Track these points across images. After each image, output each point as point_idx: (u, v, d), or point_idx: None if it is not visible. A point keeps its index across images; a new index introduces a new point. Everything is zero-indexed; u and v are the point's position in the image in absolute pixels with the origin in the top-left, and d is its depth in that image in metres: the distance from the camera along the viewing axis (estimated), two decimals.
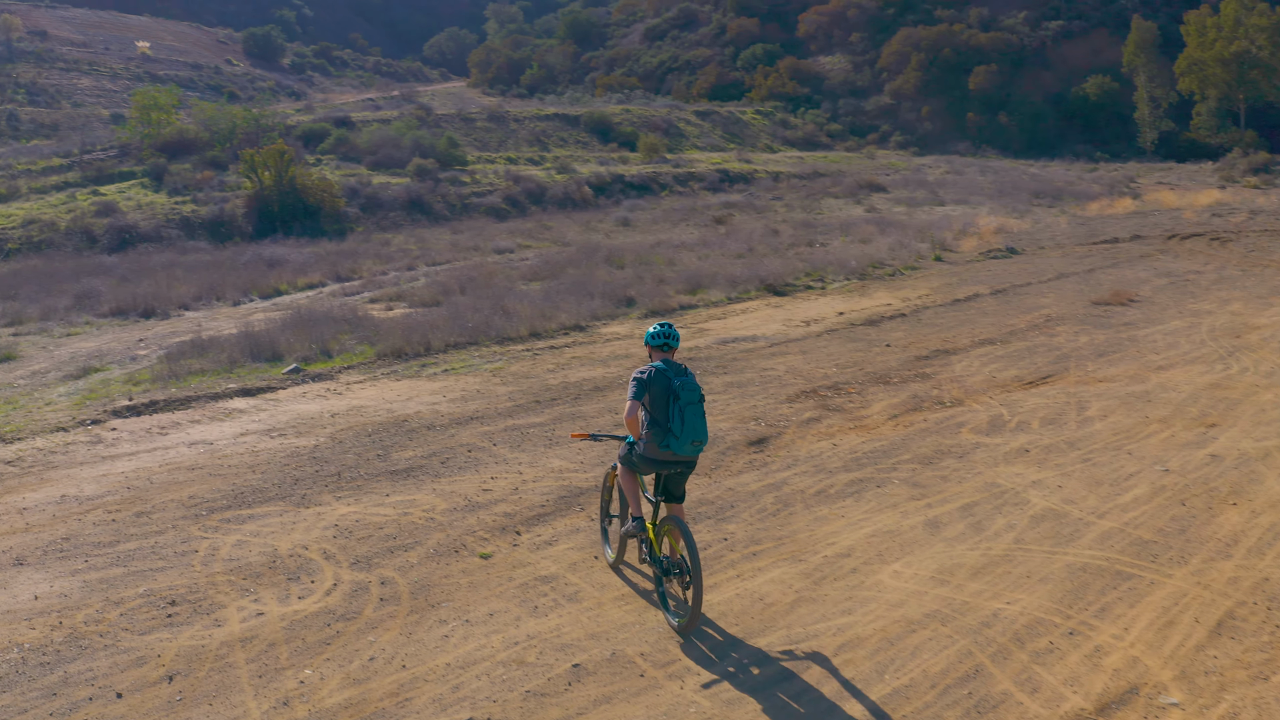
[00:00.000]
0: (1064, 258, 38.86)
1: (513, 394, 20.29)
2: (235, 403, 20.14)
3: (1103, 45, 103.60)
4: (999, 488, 14.40)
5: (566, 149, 79.48)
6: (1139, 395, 19.52)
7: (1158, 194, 62.25)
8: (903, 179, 72.04)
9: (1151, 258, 38.68)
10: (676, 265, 36.83)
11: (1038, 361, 22.44)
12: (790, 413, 18.47)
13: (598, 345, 25.01)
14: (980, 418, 18.01)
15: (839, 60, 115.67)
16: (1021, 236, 44.83)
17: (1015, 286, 32.40)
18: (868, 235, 43.75)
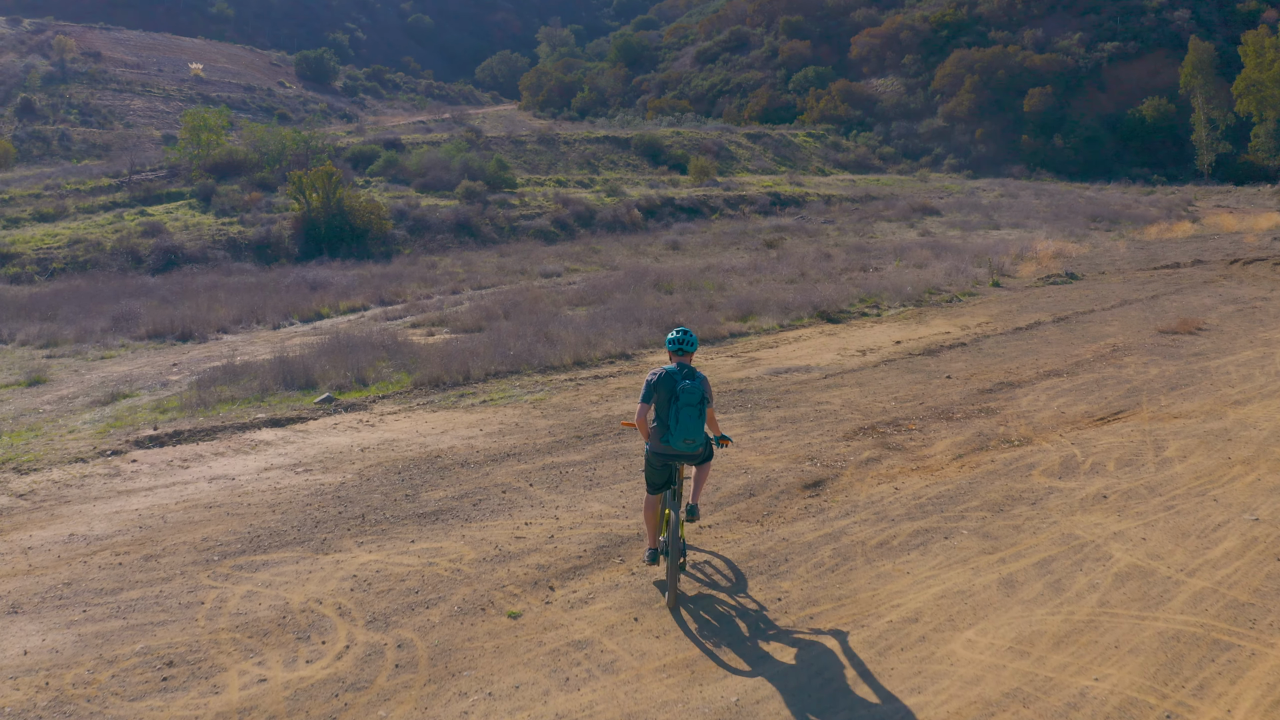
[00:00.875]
0: (1125, 283, 37.43)
1: (553, 428, 19.08)
2: (263, 434, 19.07)
3: (1159, 67, 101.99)
4: (1077, 540, 13.04)
5: (616, 171, 78.60)
6: (1218, 433, 18.13)
7: (1216, 217, 60.75)
8: (956, 202, 70.78)
9: (1215, 283, 37.24)
10: (727, 290, 35.65)
11: (1108, 395, 21.05)
12: (848, 451, 17.17)
13: (644, 375, 23.65)
14: (1051, 458, 16.65)
15: (891, 82, 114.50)
16: (1080, 261, 43.41)
17: (1078, 314, 31.02)
18: (922, 260, 42.45)
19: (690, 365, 11.32)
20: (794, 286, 36.16)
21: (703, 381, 11.08)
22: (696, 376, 11.06)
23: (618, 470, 16.29)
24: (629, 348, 26.41)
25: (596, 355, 25.38)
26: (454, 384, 22.78)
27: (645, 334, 27.62)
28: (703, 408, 11.03)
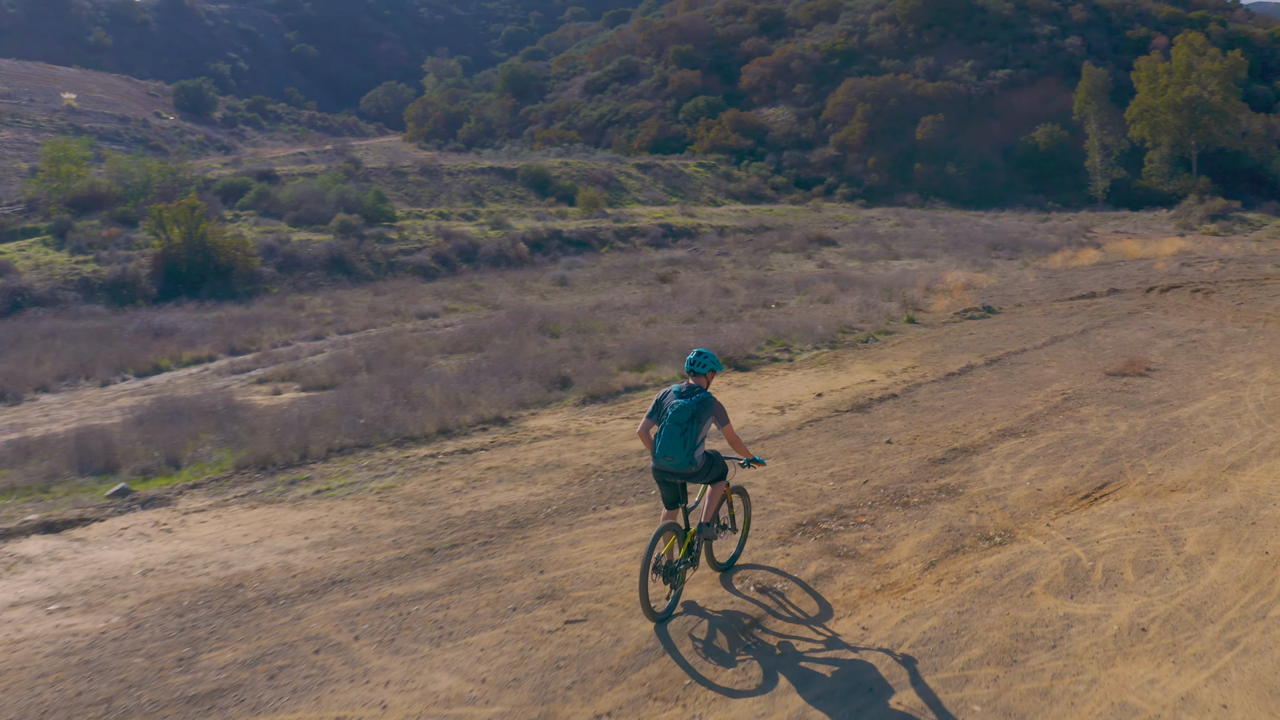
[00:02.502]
0: (1047, 317, 34.08)
1: (399, 534, 14.59)
2: (28, 545, 14.37)
3: (1051, 93, 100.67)
4: (1137, 717, 9.05)
5: (502, 203, 74.30)
6: (1234, 514, 14.59)
7: (1120, 244, 58.50)
8: (852, 232, 67.40)
9: (1140, 314, 34.42)
10: (620, 333, 31.46)
11: (1083, 462, 17.41)
12: (788, 564, 13.08)
13: (522, 448, 19.40)
14: (1050, 564, 12.78)
15: (782, 112, 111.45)
16: (993, 293, 39.97)
17: (1009, 354, 27.43)
18: (828, 294, 38.66)
19: (698, 385, 11.50)
20: (693, 327, 32.21)
21: (700, 402, 11.19)
22: (694, 396, 11.22)
23: (480, 608, 11.84)
24: (506, 409, 21.97)
25: (466, 421, 20.87)
26: (287, 464, 18.19)
27: (525, 391, 23.23)
28: (691, 426, 11.09)
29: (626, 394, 23.87)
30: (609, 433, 20.35)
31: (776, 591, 12.19)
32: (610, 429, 20.71)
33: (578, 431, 20.42)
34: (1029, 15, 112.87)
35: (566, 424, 21.23)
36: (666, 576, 11.26)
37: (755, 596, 12.05)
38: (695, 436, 11.18)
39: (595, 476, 17.20)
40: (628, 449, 18.90)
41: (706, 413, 11.24)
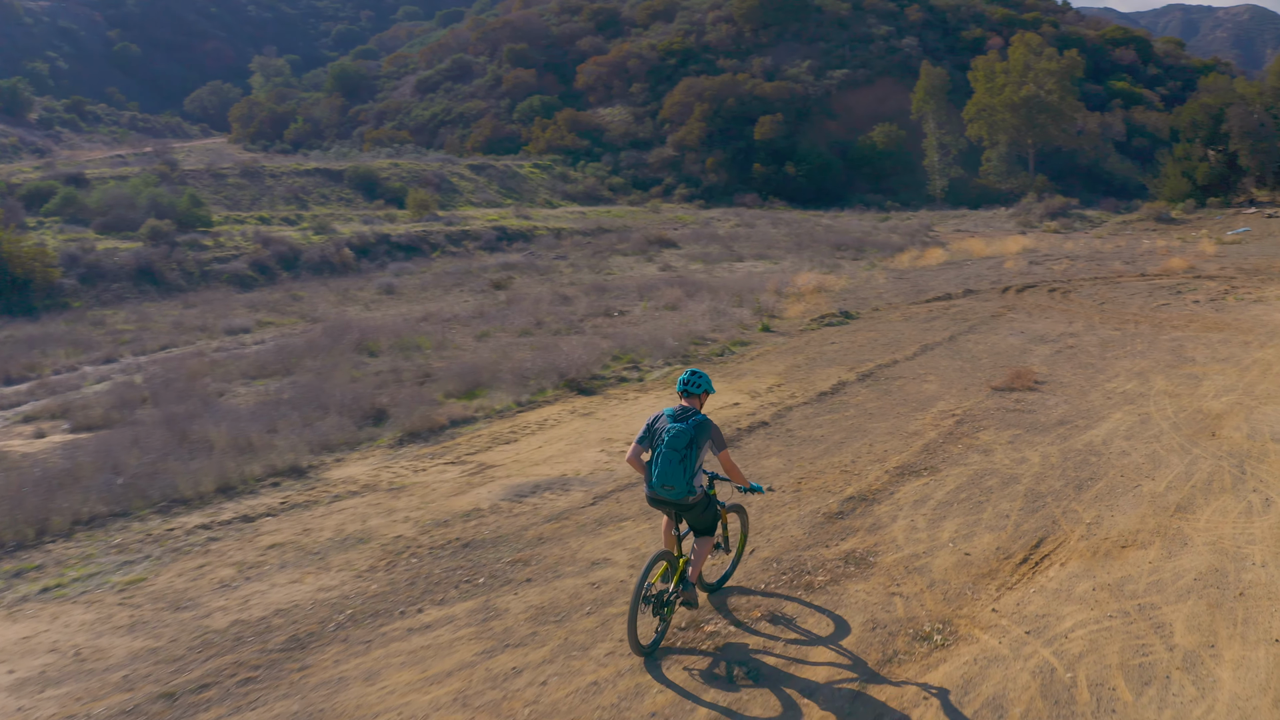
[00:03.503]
0: (908, 321, 31.29)
1: (135, 663, 10.41)
2: None
3: (889, 93, 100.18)
4: None
5: (328, 207, 69.80)
6: (1212, 580, 11.77)
7: (964, 243, 56.65)
8: (692, 233, 64.48)
9: (1004, 317, 32.02)
10: (448, 350, 27.61)
11: (1005, 510, 14.29)
12: (666, 705, 9.41)
13: (318, 511, 15.30)
14: (1018, 679, 9.45)
15: (619, 111, 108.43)
16: (846, 296, 37.00)
17: (881, 368, 24.37)
18: (674, 300, 35.18)
19: (692, 408, 10.66)
20: (531, 342, 28.47)
21: (697, 425, 10.37)
22: (690, 419, 10.41)
23: None
24: (306, 454, 17.74)
25: (254, 473, 16.57)
26: (18, 545, 13.75)
27: (332, 429, 19.08)
28: (689, 452, 10.24)
29: (452, 429, 19.86)
30: (428, 486, 16.41)
31: None
32: (430, 480, 16.74)
33: (390, 484, 16.46)
34: (865, 15, 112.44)
35: (377, 474, 17.18)
36: (657, 608, 10.44)
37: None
38: (694, 463, 10.36)
39: (407, 556, 13.33)
40: (450, 509, 15.12)
41: (704, 437, 10.44)
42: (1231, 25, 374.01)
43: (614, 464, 17.11)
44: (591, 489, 15.84)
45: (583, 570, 12.57)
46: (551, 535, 13.87)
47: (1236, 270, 44.65)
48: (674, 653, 10.34)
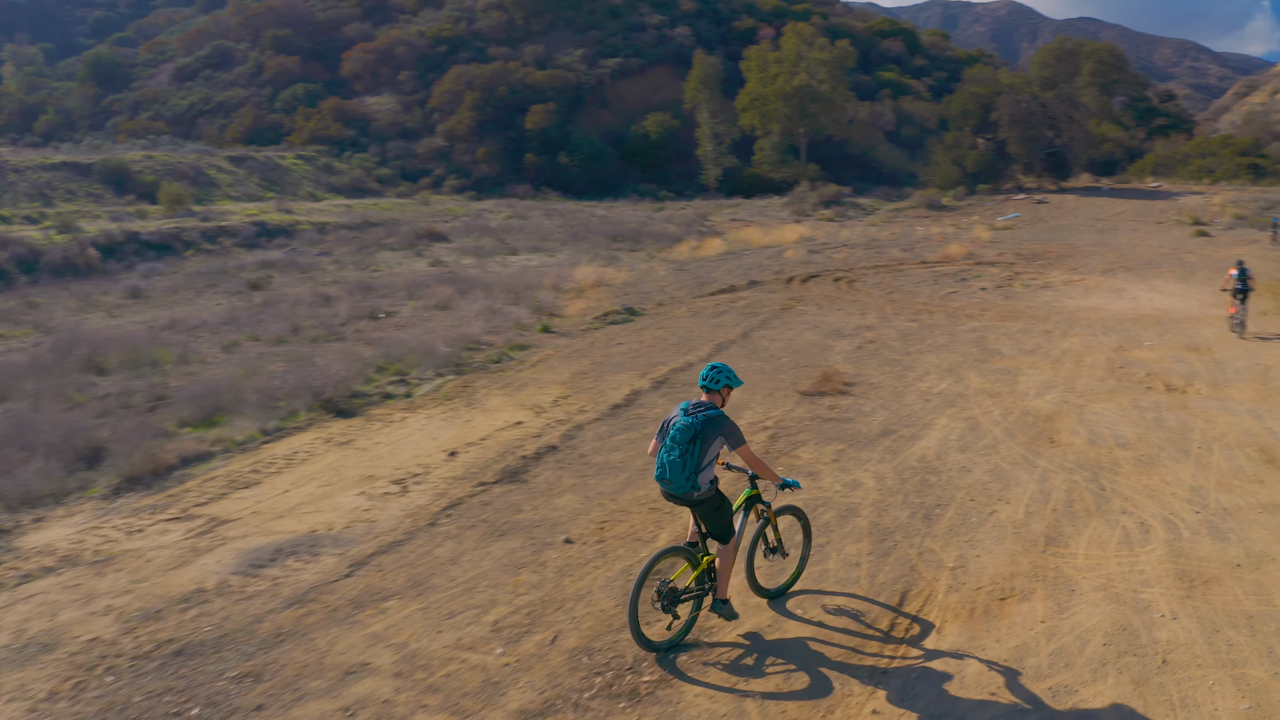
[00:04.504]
0: (695, 317, 28.87)
1: None
2: None
3: (661, 83, 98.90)
4: None
5: (75, 203, 64.21)
6: (1125, 644, 9.64)
7: (742, 232, 55.27)
8: (464, 226, 61.23)
9: (794, 309, 30.16)
10: (191, 365, 23.70)
11: (853, 555, 11.79)
12: None
13: (0, 599, 11.53)
14: None
15: (387, 100, 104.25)
16: (628, 291, 34.37)
17: (676, 372, 21.78)
18: (445, 299, 31.83)
19: (709, 402, 9.76)
20: (285, 352, 24.71)
21: (706, 420, 9.50)
22: (700, 415, 9.55)
23: None
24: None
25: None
26: None
27: (35, 477, 14.74)
28: (692, 447, 9.44)
29: (182, 470, 15.90)
30: (143, 555, 12.60)
31: None
32: (146, 545, 12.93)
33: (96, 554, 12.56)
34: (638, 4, 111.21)
35: (82, 538, 13.16)
36: (667, 604, 9.65)
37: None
38: (697, 459, 9.51)
39: (102, 672, 9.61)
40: (166, 591, 11.47)
41: (714, 432, 9.57)
42: (990, 20, 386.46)
43: (375, 512, 13.75)
44: (346, 551, 12.39)
45: (332, 686, 9.20)
46: (293, 628, 10.40)
47: (1015, 255, 44.70)
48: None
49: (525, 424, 17.73)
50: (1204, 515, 12.84)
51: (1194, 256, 44.68)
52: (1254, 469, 14.81)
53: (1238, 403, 19.07)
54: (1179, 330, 26.88)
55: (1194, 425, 17.29)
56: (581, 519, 13.11)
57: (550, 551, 11.99)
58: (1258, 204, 68.74)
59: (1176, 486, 13.98)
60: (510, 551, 12.02)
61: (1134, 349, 24.31)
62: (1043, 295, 33.32)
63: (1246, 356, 23.37)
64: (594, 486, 14.33)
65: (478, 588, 11.13)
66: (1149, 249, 47.80)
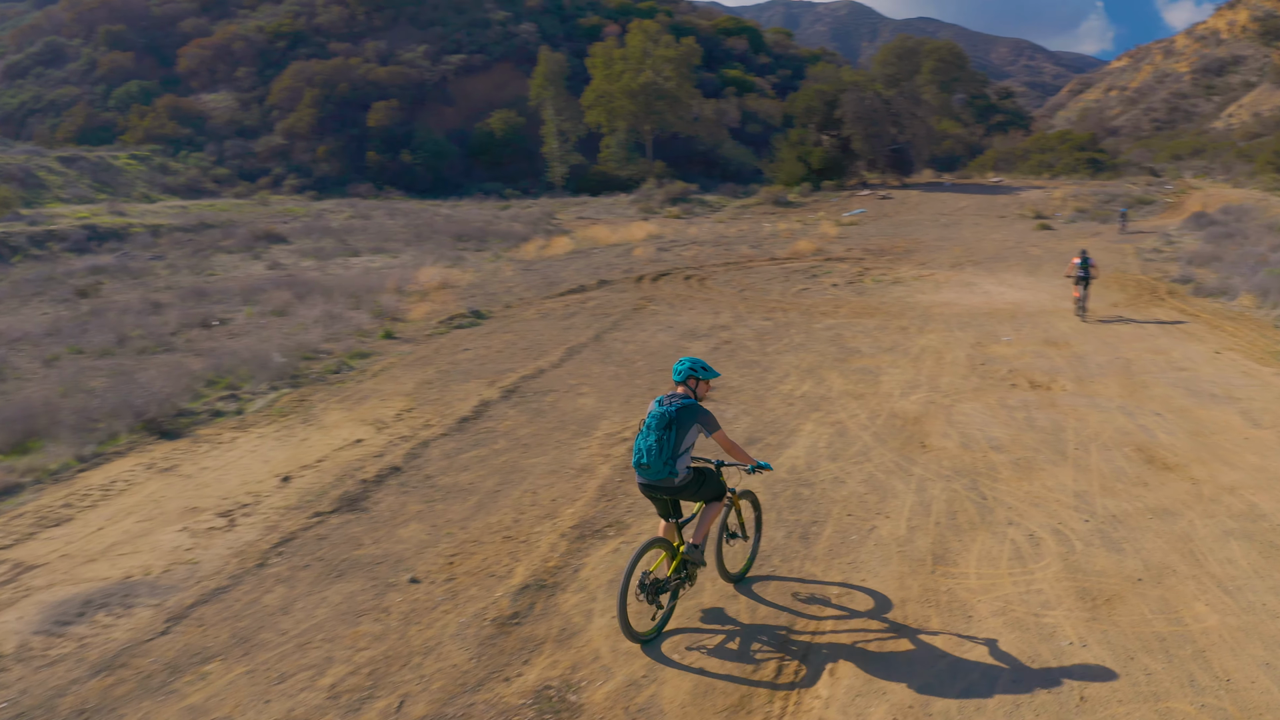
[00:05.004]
0: (545, 319, 27.66)
1: None
2: None
3: (506, 79, 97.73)
4: None
5: None
6: (1035, 681, 8.78)
7: (590, 230, 54.28)
8: (304, 227, 58.92)
9: (645, 309, 29.25)
10: (6, 382, 21.35)
11: (728, 586, 10.69)
12: None
13: None
14: None
15: (224, 98, 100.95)
16: (475, 292, 32.99)
17: (526, 380, 20.43)
18: (283, 304, 29.91)
19: (682, 394, 9.85)
20: (109, 366, 22.58)
21: (681, 408, 9.64)
22: (675, 404, 9.68)
23: None
24: None
25: None
26: None
27: None
28: (668, 434, 9.57)
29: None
30: None
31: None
32: None
33: None
34: (483, 0, 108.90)
35: None
36: (651, 596, 9.57)
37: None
38: (673, 445, 9.56)
39: None
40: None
41: (689, 419, 9.63)
42: (830, 19, 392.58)
43: (198, 551, 12.07)
44: (164, 601, 10.69)
45: None
46: (99, 702, 8.79)
47: (864, 251, 44.67)
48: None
49: (366, 442, 16.20)
50: (1094, 524, 12.11)
51: (1039, 250, 45.14)
52: (1135, 470, 14.21)
53: (1105, 398, 18.66)
54: (1034, 324, 26.76)
55: (1066, 424, 16.72)
56: (428, 552, 11.69)
57: (394, 594, 10.59)
58: (1098, 197, 70.07)
59: (1060, 492, 13.27)
60: (349, 596, 10.59)
61: (992, 344, 23.93)
62: (894, 291, 32.96)
63: (1106, 350, 23.15)
64: (441, 513, 12.89)
65: (312, 643, 9.62)
66: (994, 243, 48.18)
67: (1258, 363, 21.99)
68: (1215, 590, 10.34)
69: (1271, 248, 41.84)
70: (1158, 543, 11.56)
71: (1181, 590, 10.32)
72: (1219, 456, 14.98)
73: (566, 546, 11.61)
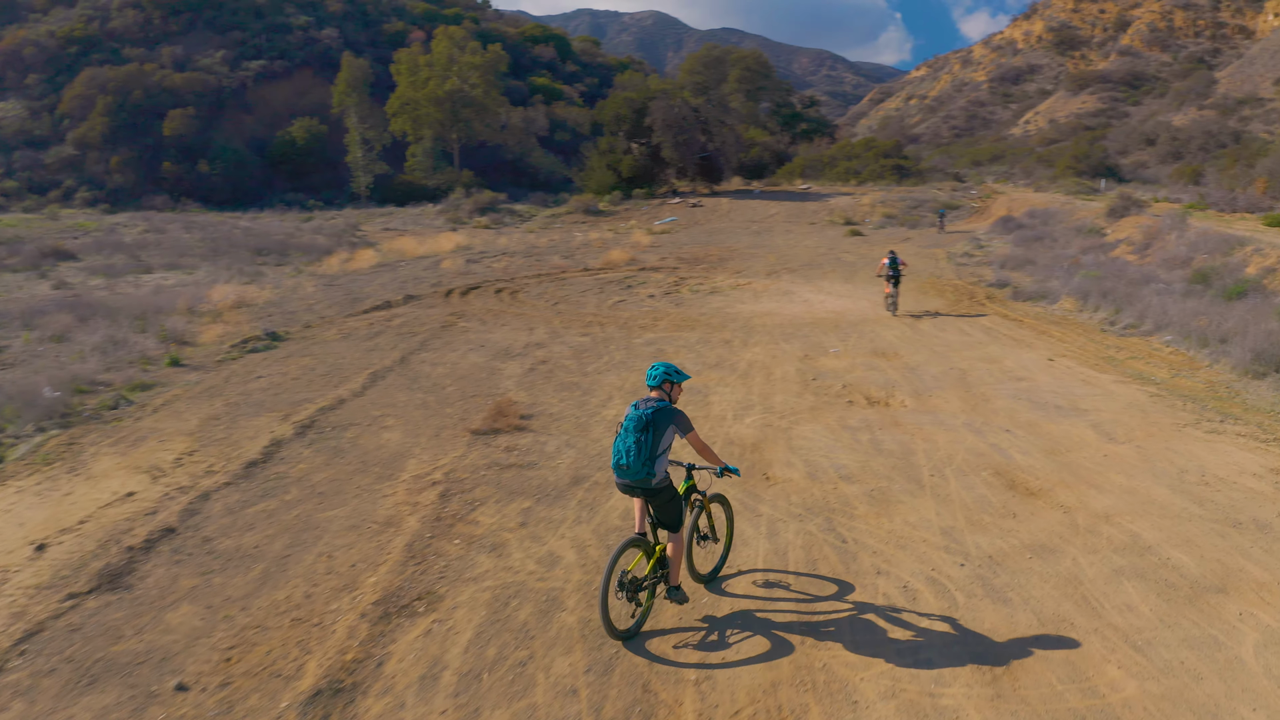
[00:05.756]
0: (347, 340, 25.58)
1: None
2: None
3: (308, 86, 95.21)
4: None
5: None
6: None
7: (396, 242, 52.29)
8: (95, 242, 55.17)
9: (455, 326, 27.50)
10: None
11: (564, 675, 8.95)
12: None
13: None
14: None
15: (13, 106, 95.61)
16: (272, 311, 30.52)
17: (325, 411, 18.27)
18: (64, 328, 26.75)
19: (657, 398, 9.90)
20: None
21: (657, 411, 9.65)
22: (650, 407, 9.68)
23: None
24: None
25: None
26: None
27: None
28: (646, 435, 9.58)
29: None
30: None
31: None
32: None
33: None
34: (283, 4, 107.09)
35: None
36: (631, 594, 9.72)
37: None
38: (651, 446, 9.57)
39: None
40: None
41: (665, 421, 9.64)
42: (636, 29, 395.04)
43: None
44: None
45: None
46: None
47: (678, 260, 44.07)
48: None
49: (138, 495, 13.69)
50: (971, 568, 10.77)
51: (852, 255, 44.98)
52: (999, 498, 13.04)
53: (949, 414, 17.61)
54: (859, 334, 25.96)
55: (915, 446, 15.49)
56: (201, 645, 9.43)
57: (156, 709, 8.37)
58: (905, 203, 70.85)
59: (925, 530, 11.95)
60: (100, 714, 8.36)
61: (821, 357, 22.88)
62: (713, 301, 31.97)
63: (938, 361, 22.36)
64: (220, 589, 10.61)
65: None
66: (807, 249, 47.97)
67: (1094, 369, 21.49)
68: (1124, 648, 9.04)
69: (1081, 250, 42.45)
70: (1046, 589, 10.28)
71: (1088, 651, 9.02)
72: (1083, 478, 13.96)
73: (368, 631, 9.53)
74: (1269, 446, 15.56)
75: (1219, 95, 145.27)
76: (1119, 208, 50.36)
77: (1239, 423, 17.01)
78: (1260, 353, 21.16)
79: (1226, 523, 12.26)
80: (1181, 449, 15.39)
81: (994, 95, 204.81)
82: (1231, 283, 30.40)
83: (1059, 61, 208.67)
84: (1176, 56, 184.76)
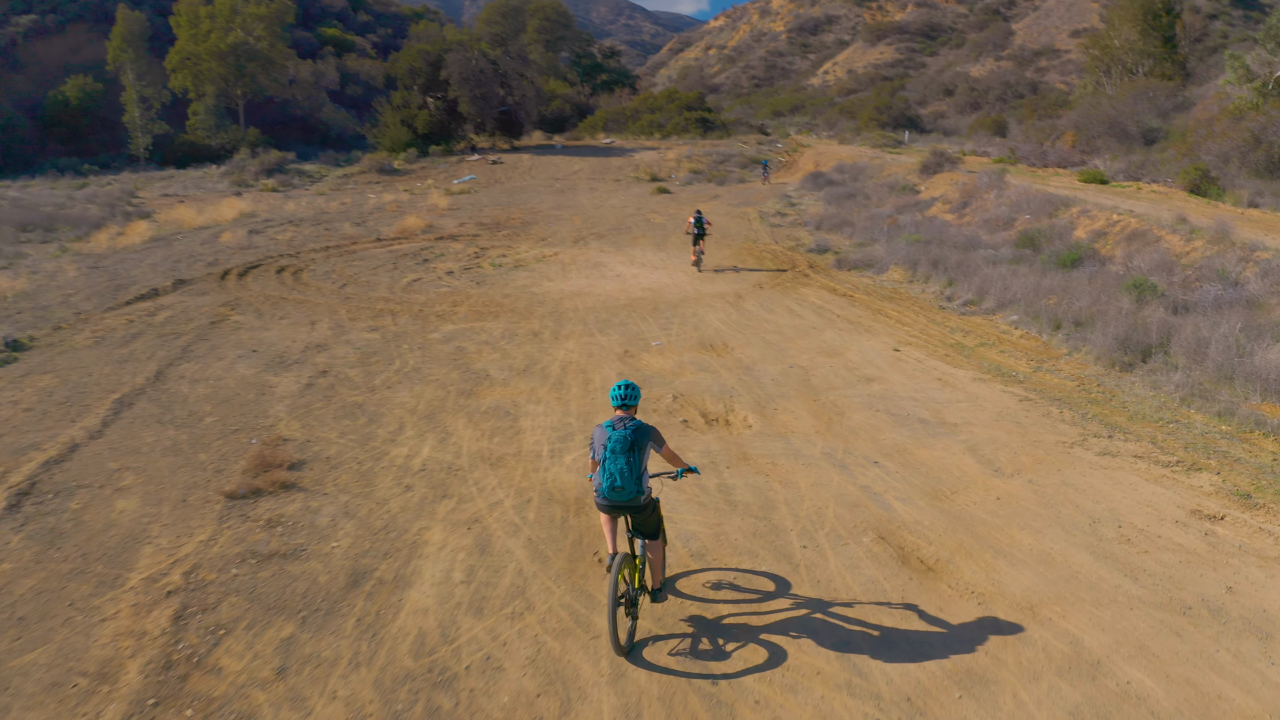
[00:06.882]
0: (99, 346, 21.35)
1: None
2: None
3: (82, 42, 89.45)
4: None
5: None
6: None
7: (174, 212, 46.69)
8: None
9: (227, 323, 23.55)
10: None
11: None
12: None
13: None
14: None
15: None
16: (22, 307, 25.46)
17: (48, 468, 14.17)
18: None
19: (629, 416, 9.82)
20: None
21: (637, 430, 9.61)
22: (628, 427, 9.64)
23: None
24: None
25: None
26: None
27: None
28: (633, 455, 9.54)
29: None
30: None
31: None
32: None
33: None
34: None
35: None
36: (629, 607, 9.70)
37: None
38: (640, 464, 9.57)
39: None
40: None
41: (645, 439, 9.66)
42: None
43: None
44: None
45: None
46: None
47: (478, 226, 41.07)
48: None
49: None
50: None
51: (661, 216, 42.74)
52: (894, 583, 10.40)
53: (802, 438, 14.83)
54: (681, 319, 23.31)
55: (775, 496, 12.67)
56: None
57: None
58: (711, 158, 68.91)
59: (815, 655, 9.11)
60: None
61: (643, 353, 20.07)
62: (518, 278, 28.95)
63: (773, 355, 19.91)
64: None
65: None
66: (614, 210, 45.57)
67: (946, 362, 19.24)
68: None
69: (896, 208, 41.06)
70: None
71: None
72: (983, 539, 11.34)
73: None
74: (1174, 474, 13.24)
75: (1016, 47, 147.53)
76: (931, 164, 48.81)
77: (1129, 437, 14.68)
78: (1124, 340, 19.15)
79: (1174, 609, 9.75)
80: (1080, 482, 12.97)
81: (792, 45, 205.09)
82: (1063, 249, 28.69)
83: (856, 12, 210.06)
84: (972, 8, 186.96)
